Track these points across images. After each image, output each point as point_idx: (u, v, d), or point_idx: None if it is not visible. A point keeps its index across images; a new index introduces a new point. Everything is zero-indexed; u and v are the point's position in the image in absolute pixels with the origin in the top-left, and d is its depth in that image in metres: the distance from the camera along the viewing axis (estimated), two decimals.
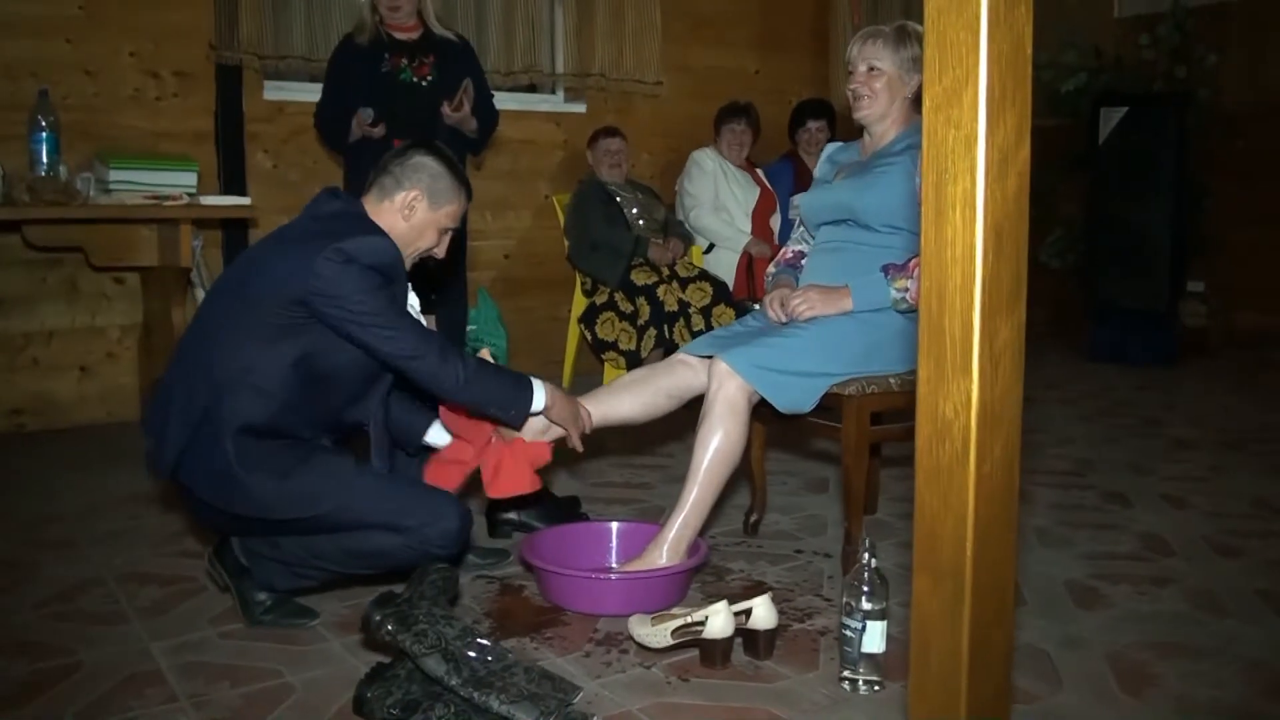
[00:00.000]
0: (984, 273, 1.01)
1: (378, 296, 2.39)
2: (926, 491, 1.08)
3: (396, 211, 2.56)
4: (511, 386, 2.59)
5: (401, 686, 2.05)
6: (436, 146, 2.64)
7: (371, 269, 2.38)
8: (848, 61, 3.00)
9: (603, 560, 2.94)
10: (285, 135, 5.06)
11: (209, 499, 2.43)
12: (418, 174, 2.56)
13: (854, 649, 2.21)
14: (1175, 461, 4.11)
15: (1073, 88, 6.87)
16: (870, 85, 2.94)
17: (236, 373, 2.37)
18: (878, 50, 2.92)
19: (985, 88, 1.00)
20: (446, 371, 2.46)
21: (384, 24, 4.16)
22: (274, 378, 2.39)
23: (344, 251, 2.35)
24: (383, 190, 2.57)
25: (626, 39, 5.91)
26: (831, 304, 2.85)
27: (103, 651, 2.40)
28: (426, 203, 2.57)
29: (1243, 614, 2.62)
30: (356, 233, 2.42)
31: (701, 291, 4.93)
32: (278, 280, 2.37)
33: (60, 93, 4.41)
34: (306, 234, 2.45)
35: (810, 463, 4.09)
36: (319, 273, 2.33)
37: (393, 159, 2.60)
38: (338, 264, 2.34)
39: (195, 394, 2.40)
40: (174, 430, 2.41)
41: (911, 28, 2.94)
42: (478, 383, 2.50)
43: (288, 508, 2.40)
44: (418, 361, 2.43)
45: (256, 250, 2.59)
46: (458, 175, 2.62)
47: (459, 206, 2.64)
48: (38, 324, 4.57)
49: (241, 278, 2.49)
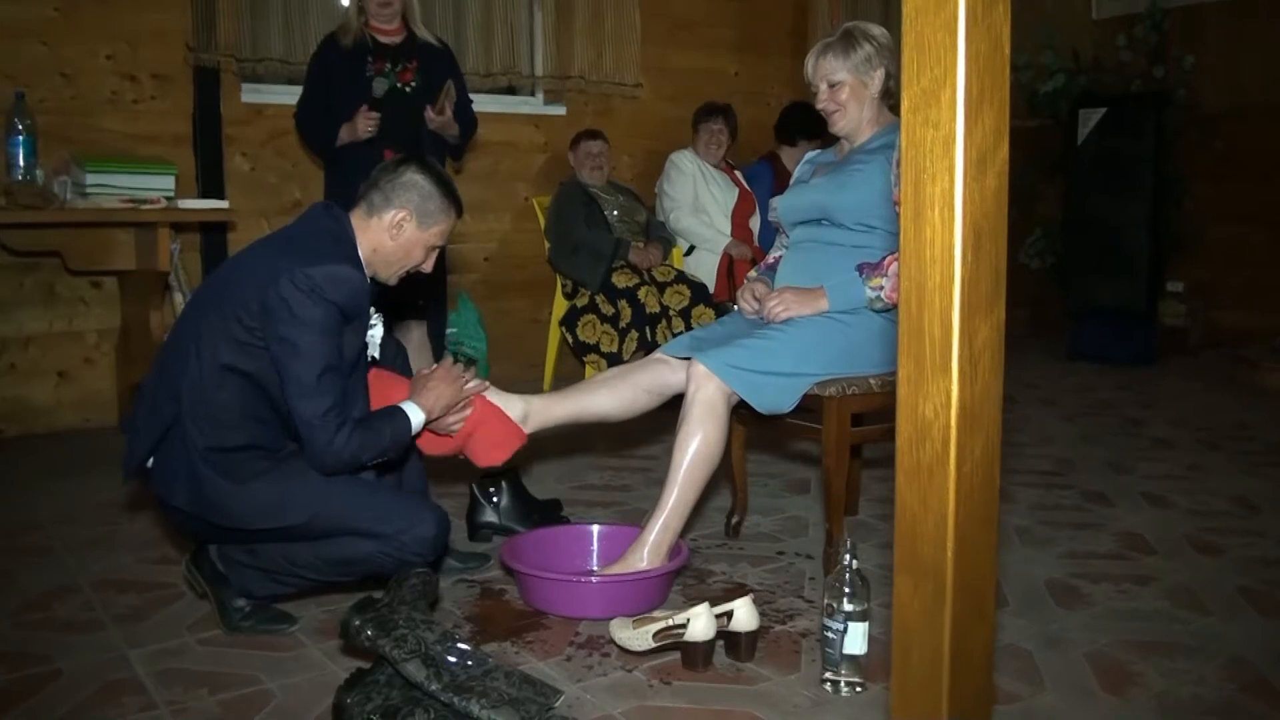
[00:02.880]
0: (963, 272, 1.01)
1: (323, 342, 2.33)
2: (907, 492, 1.08)
3: (384, 230, 2.53)
4: (389, 433, 2.46)
5: (381, 692, 2.04)
6: (429, 163, 2.60)
7: (334, 305, 2.33)
8: (808, 81, 3.01)
9: (584, 563, 2.93)
10: (263, 138, 5.03)
11: (183, 507, 2.42)
12: (408, 193, 2.53)
13: (836, 650, 2.21)
14: (1155, 460, 4.13)
15: (1051, 89, 6.90)
16: (836, 99, 2.96)
17: (204, 389, 2.36)
18: (830, 64, 2.94)
19: (963, 88, 1.00)
20: (327, 456, 2.36)
21: (369, 26, 4.13)
22: (239, 394, 2.38)
23: (311, 279, 2.30)
24: (371, 207, 2.54)
25: (606, 41, 5.90)
26: (807, 305, 2.85)
27: (80, 659, 2.38)
28: (415, 223, 2.54)
29: (1223, 611, 2.63)
30: (329, 259, 2.37)
31: (679, 295, 4.93)
32: (250, 291, 2.35)
33: (37, 96, 4.37)
34: (284, 249, 2.42)
35: (791, 464, 4.09)
36: (283, 294, 2.30)
37: (383, 174, 2.56)
38: (302, 291, 2.30)
39: (166, 404, 2.40)
40: (144, 435, 2.42)
41: (859, 29, 2.95)
42: (357, 450, 2.39)
43: (262, 518, 2.39)
44: (308, 429, 2.34)
45: (238, 259, 2.56)
46: (449, 193, 2.58)
47: (448, 225, 2.60)
48: (15, 329, 4.53)
49: (220, 286, 2.47)
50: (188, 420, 2.37)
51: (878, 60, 2.92)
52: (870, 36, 2.93)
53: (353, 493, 2.44)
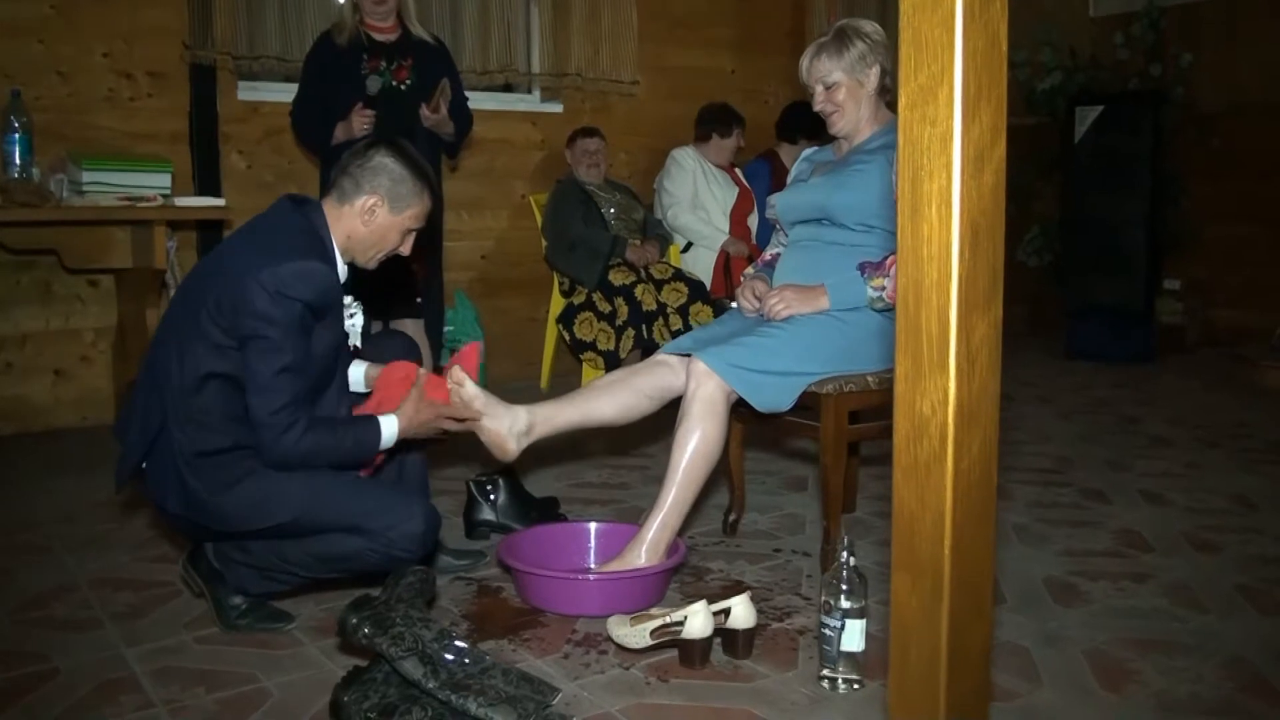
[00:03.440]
0: (960, 269, 1.01)
1: (286, 340, 2.31)
2: (905, 489, 1.08)
3: (356, 216, 2.50)
4: (351, 440, 2.45)
5: (378, 690, 2.04)
6: (398, 144, 2.56)
7: (301, 303, 2.32)
8: (803, 83, 3.01)
9: (581, 561, 2.93)
10: (260, 136, 5.03)
11: (176, 511, 2.42)
12: (377, 177, 2.49)
13: (833, 647, 2.21)
14: (1153, 458, 4.13)
15: (1048, 86, 6.90)
16: (833, 100, 2.96)
17: (186, 394, 2.34)
18: (824, 65, 2.93)
19: (961, 84, 0.99)
20: (275, 453, 2.35)
21: (363, 24, 4.13)
22: (220, 396, 2.36)
23: (278, 277, 2.28)
24: (342, 194, 2.51)
25: (602, 39, 5.90)
26: (808, 303, 2.85)
27: (77, 658, 2.37)
28: (387, 208, 2.50)
29: (1221, 609, 2.63)
30: (296, 255, 2.34)
31: (677, 292, 4.93)
32: (217, 295, 2.33)
33: (33, 93, 4.36)
34: (252, 246, 2.39)
35: (788, 462, 4.09)
36: (248, 295, 2.29)
37: (352, 160, 2.53)
38: (269, 293, 2.28)
39: (154, 409, 2.40)
40: (135, 442, 2.42)
41: (851, 26, 2.94)
42: (308, 451, 2.37)
43: (252, 519, 2.39)
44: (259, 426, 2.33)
45: (211, 258, 2.53)
46: (420, 175, 2.54)
47: (422, 208, 2.56)
48: (11, 327, 4.53)
49: (194, 287, 2.45)
50: (173, 426, 2.36)
51: (872, 58, 2.91)
52: (863, 34, 2.92)
53: (340, 489, 2.43)
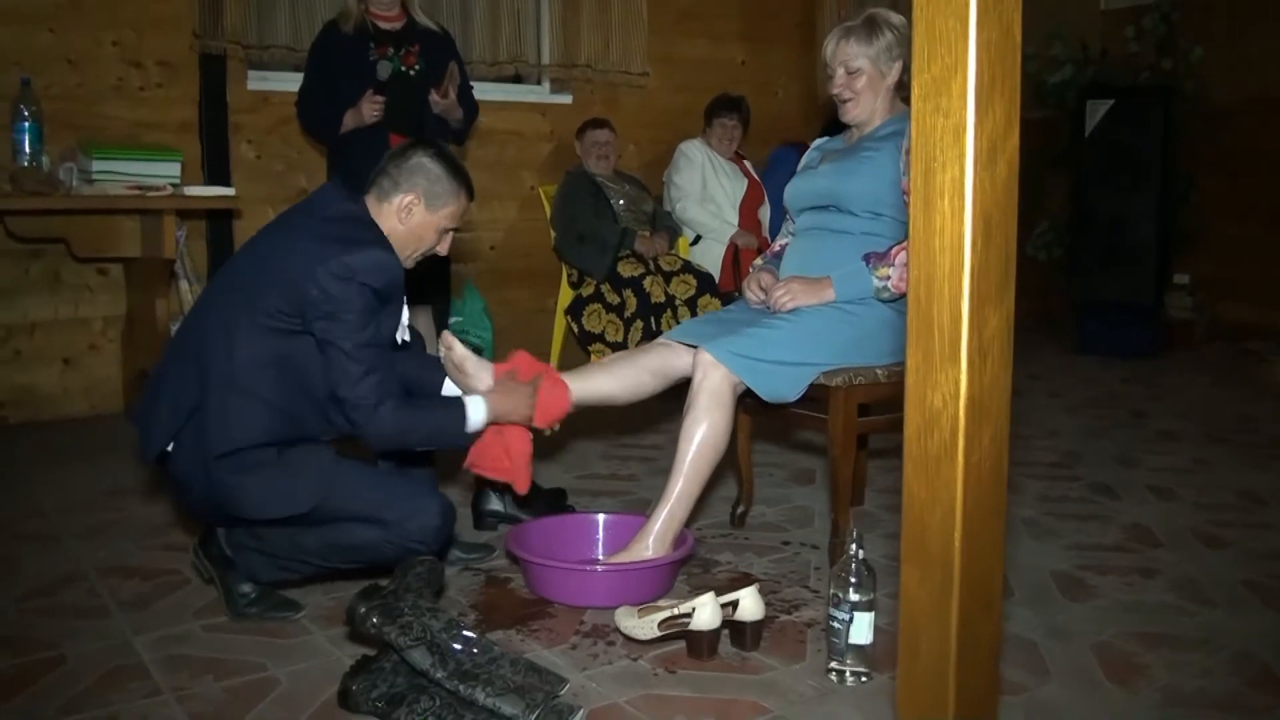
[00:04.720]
0: (973, 261, 1.01)
1: (361, 320, 2.36)
2: (914, 482, 1.07)
3: (394, 214, 2.53)
4: (435, 420, 2.51)
5: (387, 679, 2.04)
6: (437, 146, 2.61)
7: (371, 290, 2.36)
8: (825, 63, 2.99)
9: (589, 552, 2.93)
10: (269, 125, 5.03)
11: (198, 495, 2.43)
12: (414, 176, 2.53)
13: (841, 640, 2.21)
14: (1161, 453, 4.12)
15: (1059, 80, 6.89)
16: (852, 87, 2.94)
17: (238, 386, 2.36)
18: (852, 49, 2.91)
19: (974, 76, 0.99)
20: (371, 427, 2.39)
21: (369, 12, 4.13)
22: (275, 387, 2.38)
23: (350, 267, 2.33)
24: (381, 192, 2.55)
25: (612, 30, 5.89)
26: (814, 295, 2.84)
27: (85, 645, 2.38)
28: (424, 206, 2.54)
29: (1229, 604, 2.62)
30: (364, 244, 2.40)
31: (686, 285, 4.93)
32: (282, 281, 2.36)
33: (43, 82, 4.36)
34: (315, 235, 2.41)
35: (797, 454, 4.08)
36: (321, 285, 2.32)
37: (391, 159, 2.57)
38: (341, 280, 2.33)
39: (188, 391, 2.40)
40: (164, 422, 2.41)
41: (881, 16, 2.92)
42: (399, 426, 2.42)
43: (273, 508, 2.40)
44: (350, 408, 2.38)
45: (262, 245, 2.54)
46: (458, 175, 2.58)
47: (459, 207, 2.60)
48: (20, 315, 4.54)
49: (247, 272, 2.46)
50: (210, 410, 2.36)
51: (897, 50, 2.90)
52: (892, 25, 2.91)
53: (359, 480, 2.45)
